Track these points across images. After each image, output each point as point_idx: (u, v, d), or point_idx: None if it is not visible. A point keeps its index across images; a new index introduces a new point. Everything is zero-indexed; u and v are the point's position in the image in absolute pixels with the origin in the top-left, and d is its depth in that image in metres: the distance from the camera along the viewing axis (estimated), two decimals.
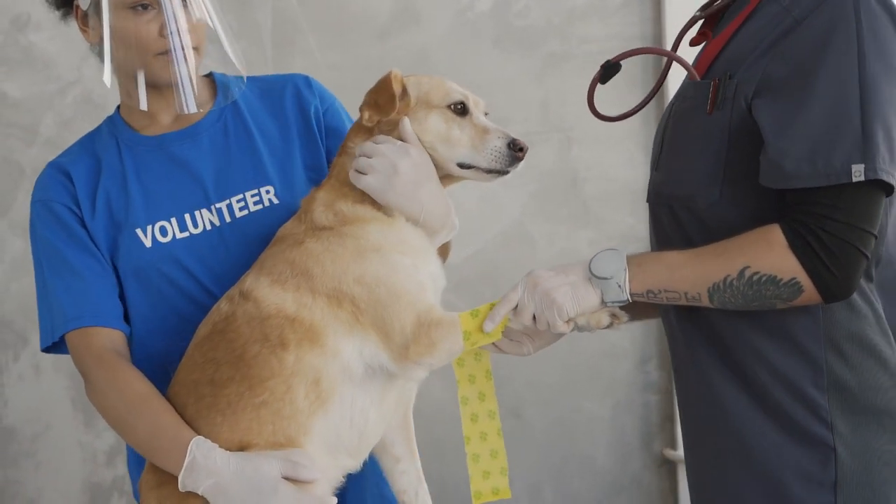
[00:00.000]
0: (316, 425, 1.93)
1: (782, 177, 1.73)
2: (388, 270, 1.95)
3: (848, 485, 1.80)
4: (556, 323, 1.88)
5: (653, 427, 3.80)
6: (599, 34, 3.75)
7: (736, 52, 1.85)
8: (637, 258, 1.86)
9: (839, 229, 1.72)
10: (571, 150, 3.78)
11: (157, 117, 2.13)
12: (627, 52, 2.01)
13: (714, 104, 1.83)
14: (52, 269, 2.08)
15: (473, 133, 2.01)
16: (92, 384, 2.02)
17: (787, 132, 1.73)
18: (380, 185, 1.97)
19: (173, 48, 2.00)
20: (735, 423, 1.87)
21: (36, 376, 3.58)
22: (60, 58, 3.56)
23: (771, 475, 1.84)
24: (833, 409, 1.81)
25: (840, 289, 1.74)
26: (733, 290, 1.78)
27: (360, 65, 3.65)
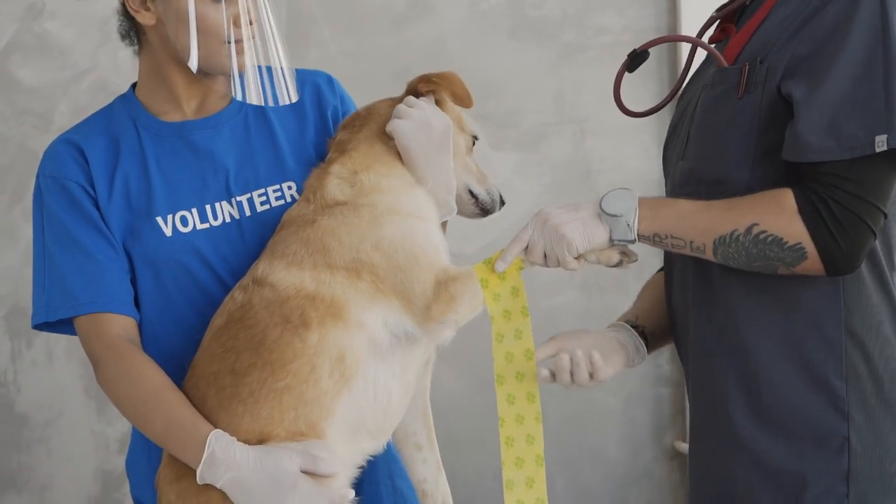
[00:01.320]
0: (340, 406, 1.92)
1: (806, 150, 1.74)
2: (405, 234, 1.97)
3: (860, 476, 1.80)
4: (566, 259, 1.88)
5: (664, 420, 3.80)
6: (615, 25, 3.74)
7: (764, 39, 1.86)
8: (649, 201, 1.87)
9: (849, 200, 1.73)
10: (585, 142, 3.77)
11: (181, 104, 2.11)
12: (654, 41, 2.02)
13: (744, 89, 1.83)
14: (60, 247, 2.04)
15: (477, 171, 2.18)
16: (103, 373, 2.01)
17: (811, 107, 1.74)
18: (409, 132, 2.04)
19: (247, 38, 2.00)
20: (746, 410, 1.86)
21: (49, 363, 3.59)
22: (75, 45, 3.56)
23: (783, 464, 1.84)
24: (850, 398, 1.81)
25: (844, 261, 1.75)
26: (738, 246, 1.78)
27: (374, 55, 3.65)
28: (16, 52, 3.55)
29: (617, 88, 2.07)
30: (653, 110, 2.14)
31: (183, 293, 2.07)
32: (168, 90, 2.10)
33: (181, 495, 1.90)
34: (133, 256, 2.07)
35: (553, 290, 3.69)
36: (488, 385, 3.68)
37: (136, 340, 2.04)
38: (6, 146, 3.55)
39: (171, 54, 2.05)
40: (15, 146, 3.55)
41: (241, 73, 2.00)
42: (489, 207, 2.16)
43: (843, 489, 1.80)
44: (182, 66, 2.05)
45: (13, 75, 3.55)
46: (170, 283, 2.07)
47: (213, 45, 1.99)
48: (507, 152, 3.72)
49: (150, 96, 2.12)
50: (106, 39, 3.57)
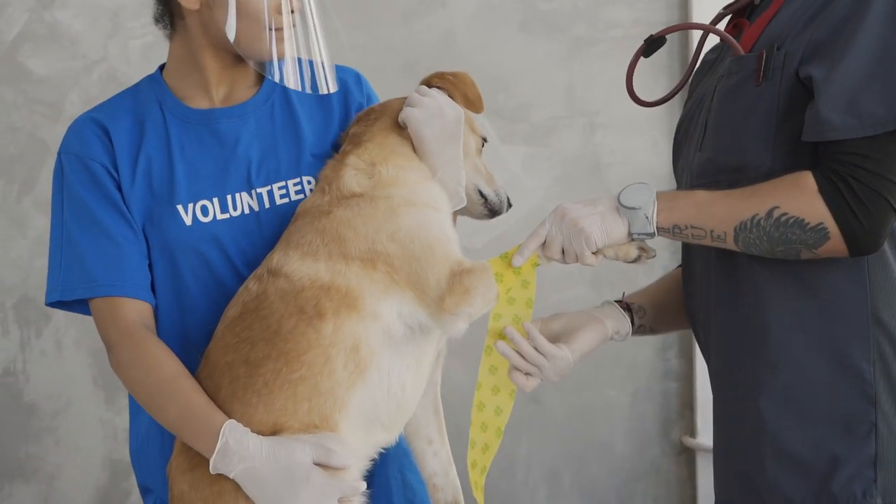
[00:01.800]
0: (353, 398, 1.92)
1: (827, 129, 1.74)
2: (420, 224, 1.98)
3: (888, 461, 1.80)
4: (584, 253, 1.89)
5: (672, 415, 3.80)
6: (626, 19, 3.74)
7: (779, 28, 1.86)
8: (666, 194, 1.87)
9: (870, 178, 1.73)
10: (595, 136, 3.77)
11: (210, 91, 2.11)
12: (671, 27, 2.03)
13: (763, 75, 1.83)
14: (80, 226, 2.03)
15: (486, 172, 2.18)
16: (117, 357, 2.01)
17: (830, 86, 1.74)
18: (421, 119, 2.05)
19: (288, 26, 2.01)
20: (773, 397, 1.86)
21: (58, 353, 3.60)
22: (86, 35, 3.57)
23: (810, 449, 1.84)
24: (878, 382, 1.81)
25: (866, 239, 1.75)
26: (759, 231, 1.78)
27: (385, 47, 3.65)
28: (27, 42, 3.55)
29: (630, 74, 2.07)
30: (663, 100, 2.14)
31: (198, 282, 2.07)
32: (199, 76, 2.10)
33: (194, 485, 1.90)
34: (150, 242, 2.06)
35: (563, 284, 3.69)
36: None
37: (152, 326, 2.04)
38: (16, 136, 3.56)
39: (210, 40, 2.05)
40: (25, 136, 3.56)
41: (281, 60, 2.01)
42: (497, 208, 2.17)
43: (871, 474, 1.81)
44: (218, 52, 2.07)
45: (24, 65, 3.56)
46: (186, 272, 2.06)
47: (255, 30, 2.00)
48: (516, 146, 3.72)
49: (180, 81, 2.12)
50: (116, 30, 3.57)
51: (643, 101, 2.11)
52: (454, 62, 3.64)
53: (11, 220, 3.57)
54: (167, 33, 2.13)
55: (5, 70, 3.55)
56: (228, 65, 2.10)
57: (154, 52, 3.52)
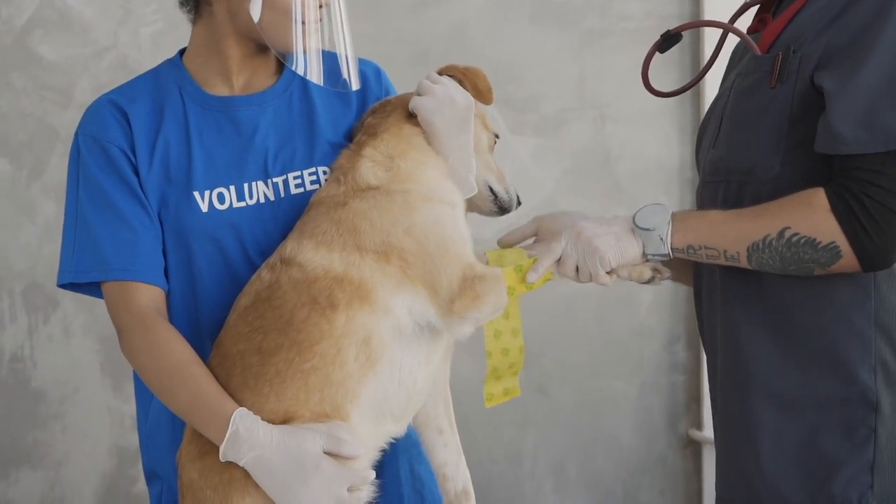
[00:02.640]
0: (365, 389, 1.92)
1: (839, 142, 1.73)
2: (436, 221, 1.98)
3: (884, 467, 1.81)
4: (598, 272, 1.89)
5: (679, 408, 3.80)
6: (638, 11, 3.73)
7: (798, 29, 1.85)
8: (681, 214, 1.88)
9: (883, 195, 1.72)
10: (605, 128, 3.76)
11: (231, 78, 2.11)
12: (689, 24, 2.03)
13: (777, 78, 1.83)
14: (95, 208, 2.03)
15: (497, 169, 2.18)
16: (128, 342, 2.00)
17: (844, 98, 1.73)
18: (432, 107, 2.06)
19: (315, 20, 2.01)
20: (775, 400, 1.87)
21: (65, 339, 3.60)
22: (97, 22, 3.57)
23: (811, 452, 1.84)
24: (879, 390, 1.81)
25: (879, 256, 1.74)
26: (772, 251, 1.78)
27: (395, 38, 3.64)
28: (37, 28, 3.55)
29: (646, 68, 2.07)
30: (677, 91, 2.13)
31: (212, 269, 2.07)
32: (221, 62, 2.10)
33: (204, 473, 1.90)
34: (165, 228, 2.06)
35: None
36: None
37: (164, 312, 2.04)
38: (26, 122, 3.56)
39: (235, 28, 2.05)
40: (34, 122, 3.56)
41: (305, 53, 2.01)
42: (507, 206, 2.17)
43: (868, 479, 1.81)
44: (242, 40, 2.07)
45: (34, 51, 3.56)
46: (200, 258, 2.06)
47: (283, 22, 2.00)
48: (526, 137, 3.71)
49: (200, 66, 2.12)
50: (127, 16, 3.57)
51: (658, 91, 2.11)
52: (464, 53, 3.64)
53: (20, 206, 3.57)
54: (191, 18, 2.12)
55: (16, 56, 3.54)
56: (251, 53, 2.10)
57: (164, 39, 3.52)
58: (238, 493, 1.87)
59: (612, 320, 3.76)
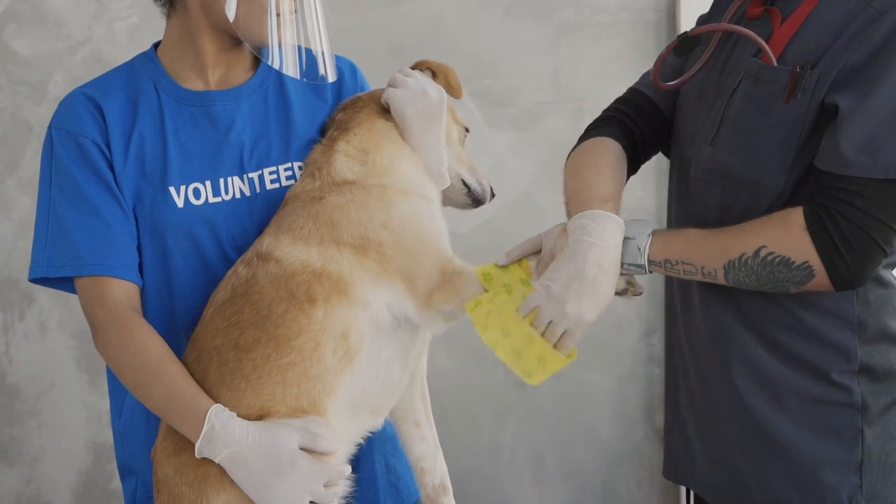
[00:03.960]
0: (342, 384, 1.93)
1: (840, 162, 1.72)
2: (413, 215, 1.99)
3: (872, 467, 1.81)
4: None
5: (656, 399, 3.81)
6: (612, 4, 3.73)
7: (812, 40, 1.81)
8: (662, 231, 1.88)
9: (859, 217, 1.72)
10: (582, 121, 3.74)
11: (207, 72, 2.10)
12: (707, 27, 1.95)
13: (792, 93, 1.80)
14: (69, 203, 2.02)
15: (469, 161, 2.21)
16: (103, 337, 1.99)
17: (853, 120, 1.72)
18: (404, 99, 2.08)
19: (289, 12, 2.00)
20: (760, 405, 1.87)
21: (41, 335, 3.58)
22: (71, 16, 3.55)
23: (799, 454, 1.84)
24: (864, 390, 1.82)
25: (850, 277, 1.74)
26: (748, 269, 1.78)
27: (372, 30, 3.63)
28: (11, 22, 3.53)
29: (657, 68, 2.04)
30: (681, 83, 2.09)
31: (187, 264, 2.06)
32: (196, 57, 2.09)
33: (179, 469, 1.90)
34: (140, 223, 2.05)
35: None
36: (482, 364, 3.69)
37: (138, 307, 2.03)
38: (0, 117, 3.54)
39: (210, 22, 2.05)
40: (8, 117, 3.54)
41: (280, 46, 2.00)
42: (480, 198, 2.20)
43: (856, 479, 1.82)
44: (217, 34, 2.06)
45: (8, 45, 3.53)
46: (175, 254, 2.05)
47: (257, 14, 1.99)
48: (503, 131, 3.71)
49: (175, 60, 2.11)
50: (101, 11, 3.55)
51: (667, 85, 2.06)
52: (441, 46, 3.64)
53: None
54: (164, 11, 2.11)
55: None
56: (226, 48, 2.09)
57: (139, 34, 3.51)
58: (213, 489, 1.87)
59: None
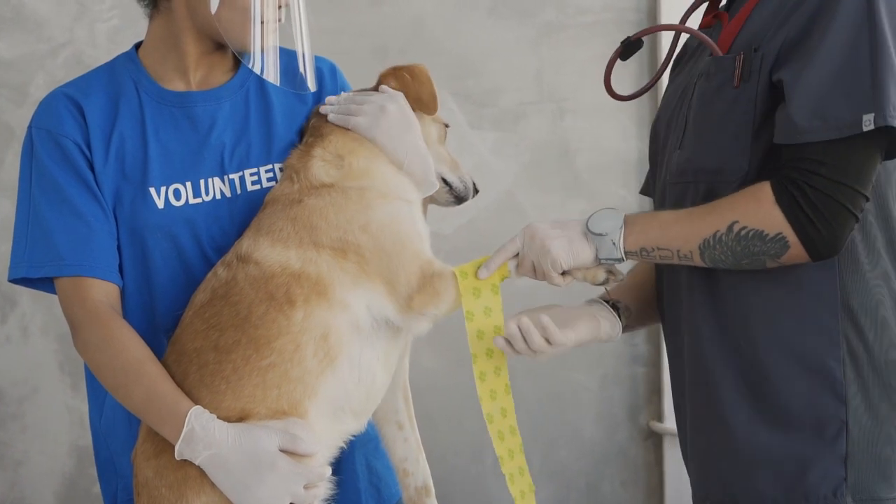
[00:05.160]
0: (323, 386, 1.92)
1: (794, 132, 1.75)
2: (392, 218, 1.99)
3: (857, 459, 1.82)
4: (551, 274, 1.91)
5: (640, 400, 3.81)
6: (595, 4, 3.73)
7: (757, 26, 1.86)
8: (632, 217, 1.89)
9: (825, 185, 1.73)
10: (564, 121, 3.76)
11: (188, 74, 2.10)
12: (648, 29, 2.03)
13: (741, 77, 1.83)
14: (49, 203, 2.01)
15: (450, 159, 2.19)
16: (82, 338, 1.99)
17: (799, 88, 1.75)
18: (367, 123, 2.06)
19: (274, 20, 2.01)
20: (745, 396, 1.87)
21: (24, 339, 3.57)
22: (52, 18, 3.53)
23: (782, 449, 1.85)
24: (848, 382, 1.82)
25: (826, 245, 1.75)
26: (723, 246, 1.79)
27: (354, 31, 3.63)
28: None
29: (608, 74, 2.07)
30: (639, 93, 2.14)
31: (167, 266, 2.06)
32: (178, 58, 2.09)
33: (159, 471, 1.90)
34: (120, 223, 2.05)
35: None
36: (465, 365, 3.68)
37: (118, 308, 2.03)
38: None
39: (194, 24, 2.04)
40: None
41: (263, 52, 2.01)
42: (463, 195, 2.19)
43: (841, 472, 1.82)
44: (200, 37, 2.06)
45: None
46: (155, 255, 2.05)
47: (242, 20, 1.99)
48: (485, 131, 3.71)
49: (157, 61, 2.11)
50: (83, 13, 3.54)
51: (620, 95, 2.11)
52: (424, 46, 3.63)
53: None
54: (148, 12, 2.11)
55: None
56: (208, 50, 2.09)
57: (121, 36, 3.50)
58: (193, 491, 1.86)
59: None
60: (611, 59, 2.07)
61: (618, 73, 2.10)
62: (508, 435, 2.02)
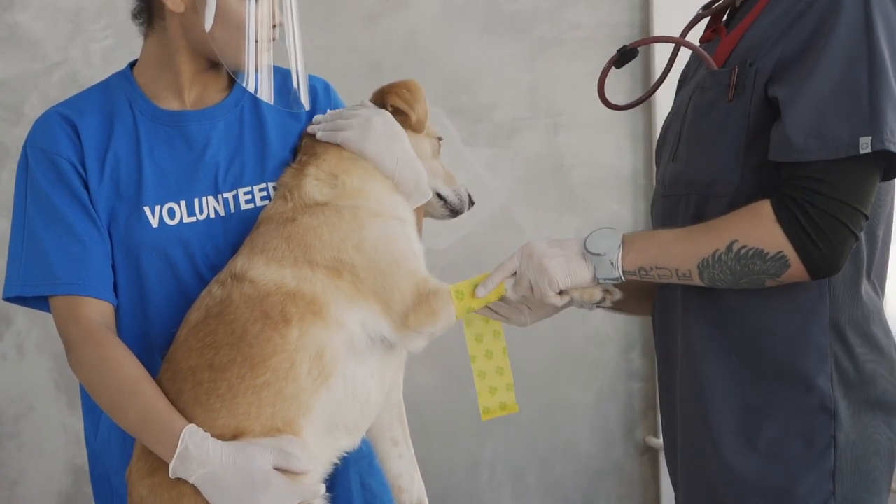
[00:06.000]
0: (318, 403, 1.93)
1: (790, 150, 1.74)
2: (387, 237, 1.99)
3: (845, 473, 1.82)
4: (548, 293, 1.90)
5: (636, 415, 3.81)
6: (588, 20, 3.75)
7: (753, 41, 1.86)
8: (630, 236, 1.88)
9: (826, 203, 1.73)
10: (558, 136, 3.78)
11: (183, 92, 2.10)
12: (644, 40, 2.04)
13: (734, 91, 1.84)
14: (44, 222, 2.01)
15: (444, 172, 2.20)
16: (77, 356, 1.99)
17: (796, 107, 1.74)
18: (355, 136, 2.08)
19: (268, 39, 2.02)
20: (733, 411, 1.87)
21: (19, 357, 3.57)
22: (46, 37, 3.54)
23: (773, 463, 1.85)
24: (836, 396, 1.82)
25: (826, 264, 1.75)
26: (722, 265, 1.79)
27: (348, 48, 3.64)
28: None
29: (602, 82, 2.07)
30: (632, 104, 2.15)
31: (161, 284, 2.06)
32: (173, 77, 2.09)
33: (153, 490, 1.90)
34: (114, 242, 2.05)
35: None
36: (460, 381, 3.69)
37: (113, 327, 2.03)
38: None
39: (188, 43, 2.05)
40: None
41: (257, 71, 2.02)
42: (458, 208, 2.20)
43: (829, 486, 1.82)
44: (194, 56, 2.06)
45: None
46: (150, 273, 2.05)
47: (236, 39, 2.00)
48: (479, 147, 3.72)
49: (152, 80, 2.11)
50: (77, 32, 3.55)
51: (614, 104, 2.12)
52: (418, 63, 3.65)
53: None
54: (142, 31, 2.11)
55: None
56: (203, 69, 2.09)
57: (115, 55, 3.50)
58: None
59: (569, 329, 3.78)
60: (605, 67, 2.06)
61: (612, 87, 2.10)
62: (490, 338, 2.07)
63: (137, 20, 2.11)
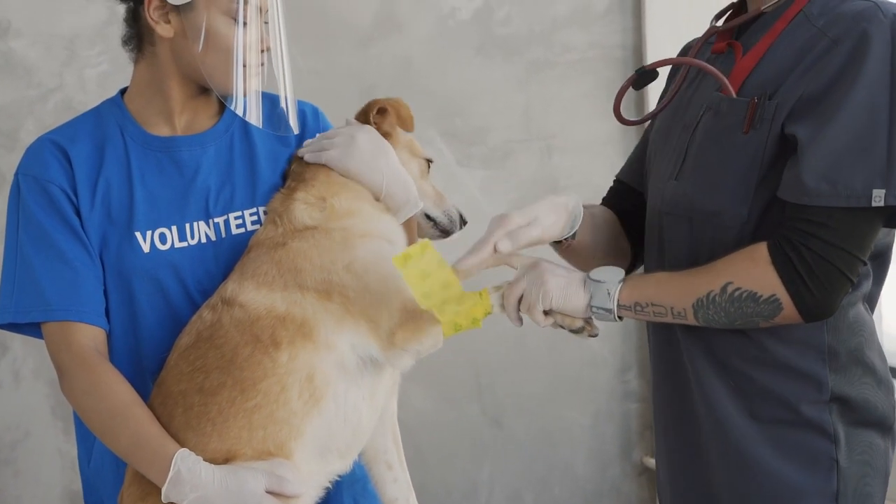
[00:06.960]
0: (309, 426, 1.93)
1: (801, 192, 1.73)
2: (376, 256, 1.99)
3: (847, 497, 1.82)
4: (536, 307, 1.89)
5: (632, 435, 3.81)
6: (581, 42, 3.76)
7: (771, 71, 1.83)
8: (632, 276, 1.89)
9: (823, 249, 1.72)
10: (552, 158, 3.79)
11: (173, 118, 2.11)
12: (664, 61, 2.01)
13: (751, 124, 1.81)
14: (36, 248, 2.02)
15: (434, 193, 2.23)
16: (69, 382, 1.99)
17: (814, 149, 1.72)
18: (339, 154, 2.09)
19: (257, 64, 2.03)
20: (734, 437, 1.87)
21: (15, 383, 3.57)
22: (41, 64, 3.55)
23: (774, 487, 1.85)
24: (835, 421, 1.82)
25: (819, 308, 1.75)
26: (716, 307, 1.78)
27: (342, 72, 3.66)
28: None
29: (618, 101, 2.06)
30: (646, 118, 2.14)
31: (153, 309, 2.06)
32: (163, 103, 2.10)
33: None
34: (106, 268, 2.06)
35: None
36: (456, 403, 3.69)
37: (105, 352, 2.03)
38: None
39: (178, 69, 2.06)
40: None
41: (246, 95, 2.03)
42: (448, 228, 2.22)
43: None
44: (184, 81, 2.08)
45: None
46: (141, 299, 2.06)
47: (225, 64, 2.01)
48: (473, 169, 3.73)
49: (142, 106, 2.12)
50: (71, 58, 3.56)
51: (629, 120, 2.11)
52: (411, 86, 3.66)
53: None
54: (133, 56, 2.12)
55: None
56: (193, 94, 2.10)
57: (110, 81, 3.51)
58: None
59: (564, 350, 3.78)
60: (623, 87, 2.04)
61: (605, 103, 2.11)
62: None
63: (128, 46, 2.12)
